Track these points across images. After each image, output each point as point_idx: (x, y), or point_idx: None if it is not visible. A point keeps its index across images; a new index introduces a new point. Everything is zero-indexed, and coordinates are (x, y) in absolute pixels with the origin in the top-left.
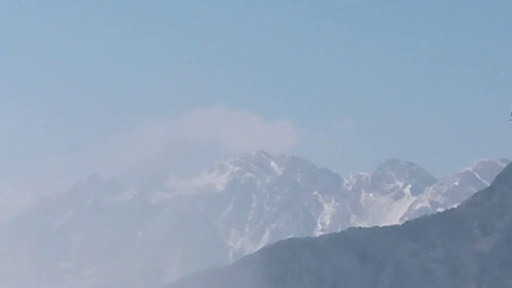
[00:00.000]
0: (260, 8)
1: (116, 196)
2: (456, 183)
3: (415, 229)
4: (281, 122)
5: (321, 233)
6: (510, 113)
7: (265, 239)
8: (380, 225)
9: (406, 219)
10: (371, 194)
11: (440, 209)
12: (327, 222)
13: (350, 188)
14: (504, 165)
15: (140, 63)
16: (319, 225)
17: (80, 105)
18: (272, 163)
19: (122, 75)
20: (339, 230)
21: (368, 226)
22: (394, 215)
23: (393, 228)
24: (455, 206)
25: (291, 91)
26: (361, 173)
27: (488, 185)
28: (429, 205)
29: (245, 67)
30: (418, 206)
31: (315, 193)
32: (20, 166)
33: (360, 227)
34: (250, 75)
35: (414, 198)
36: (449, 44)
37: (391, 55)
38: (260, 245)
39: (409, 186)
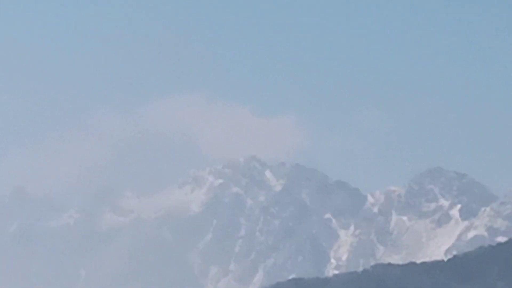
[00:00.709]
0: None
1: (50, 220)
2: None
3: (467, 266)
4: (282, 117)
5: (336, 271)
6: None
7: (258, 281)
8: (418, 261)
9: (454, 252)
10: (404, 218)
11: (502, 239)
12: (344, 257)
13: (376, 209)
14: None
15: (84, 37)
16: (333, 260)
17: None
18: (268, 174)
19: (61, 53)
20: (360, 268)
21: (401, 262)
22: (438, 246)
23: (436, 264)
24: None
25: (296, 76)
26: (392, 188)
27: None
28: (486, 233)
29: (233, 42)
30: (471, 235)
31: (328, 216)
32: None
33: (390, 264)
34: (240, 54)
35: (466, 223)
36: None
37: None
38: None
39: (459, 206)
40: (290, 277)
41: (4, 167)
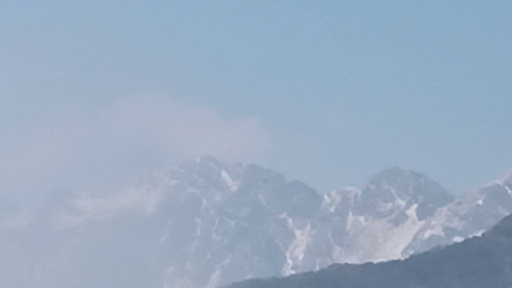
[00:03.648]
0: None
1: (4, 221)
2: (480, 202)
3: (424, 265)
4: (247, 119)
5: (292, 271)
6: None
7: (214, 281)
8: (375, 261)
9: (411, 252)
10: (361, 218)
11: (459, 238)
12: (300, 257)
13: (332, 209)
14: None
15: (44, 33)
16: (289, 260)
17: None
18: (224, 175)
19: (19, 48)
20: (317, 268)
21: (358, 262)
22: (395, 246)
23: (393, 264)
24: (479, 234)
25: (263, 79)
26: (348, 188)
27: None
28: (442, 233)
29: (201, 42)
30: (427, 234)
31: (284, 215)
32: None
33: (346, 264)
34: (205, 52)
35: (422, 222)
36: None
37: (399, 30)
38: None
39: (415, 206)
40: (247, 277)
41: None
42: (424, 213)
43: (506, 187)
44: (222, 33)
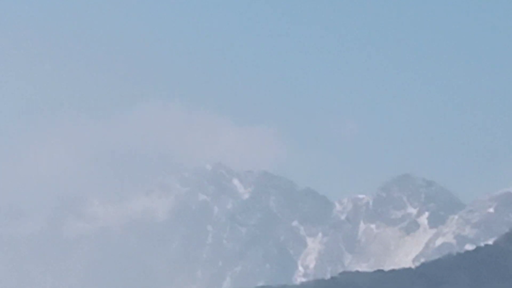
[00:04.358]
0: None
1: (16, 227)
2: (491, 210)
3: (435, 273)
4: (260, 128)
5: (303, 279)
6: None
7: (233, 284)
8: (386, 269)
9: (423, 260)
10: (372, 225)
11: (470, 246)
12: (312, 265)
13: (343, 216)
14: None
15: (59, 43)
16: (300, 268)
17: None
18: (235, 182)
19: (34, 59)
20: (328, 276)
21: (369, 270)
22: (406, 254)
23: (404, 272)
24: (490, 241)
25: (277, 89)
26: (359, 196)
27: None
28: (454, 241)
29: (216, 51)
30: (439, 242)
31: (295, 223)
32: None
33: (358, 271)
34: (219, 61)
35: (434, 230)
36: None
37: (408, 40)
38: None
39: (426, 214)
40: (258, 284)
41: None
42: (435, 221)
43: None
44: (237, 43)
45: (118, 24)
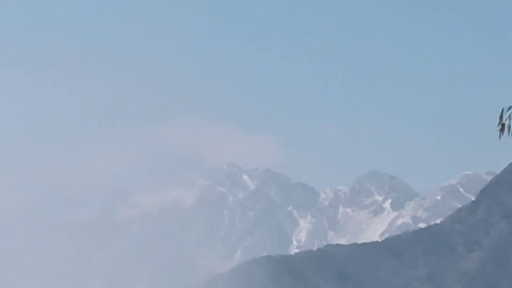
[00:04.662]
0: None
1: (75, 213)
2: (438, 197)
3: (396, 246)
4: (263, 134)
5: (297, 250)
6: (497, 124)
7: (237, 258)
8: (359, 242)
9: (387, 235)
10: (349, 209)
11: (422, 225)
12: (303, 239)
13: (327, 203)
14: (489, 178)
15: (112, 62)
16: (294, 242)
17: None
18: (245, 177)
19: (99, 76)
20: (315, 248)
21: (346, 243)
22: (374, 231)
23: (373, 245)
24: (438, 221)
25: (274, 102)
26: (339, 187)
27: (473, 199)
28: (410, 221)
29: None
30: (399, 222)
31: (290, 208)
32: None
33: (338, 244)
34: (236, 85)
35: (395, 213)
36: (432, 52)
37: (372, 58)
38: (232, 264)
39: (390, 200)
40: (262, 255)
41: (41, 170)
42: (396, 206)
43: (459, 186)
44: (247, 71)
45: (156, 56)
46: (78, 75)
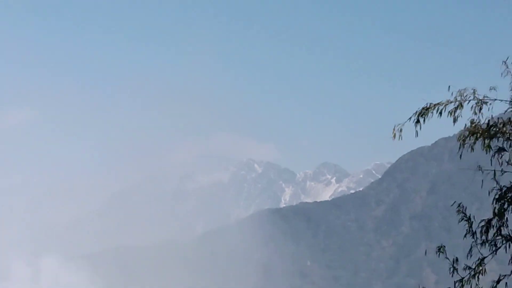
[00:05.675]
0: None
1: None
2: (361, 176)
3: (339, 202)
4: (269, 144)
5: (284, 205)
6: (392, 132)
7: (253, 209)
8: (318, 201)
9: (333, 197)
10: (313, 183)
11: (352, 191)
12: (287, 199)
13: (301, 179)
14: (389, 165)
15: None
16: (282, 200)
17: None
18: (256, 166)
19: (134, 102)
20: (294, 203)
21: (310, 201)
22: (326, 194)
23: (326, 202)
24: (361, 189)
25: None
26: (307, 171)
27: (380, 177)
28: (346, 189)
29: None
30: (339, 190)
31: (280, 182)
32: None
33: (307, 202)
34: (254, 106)
35: (337, 185)
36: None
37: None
38: (250, 212)
39: (334, 178)
40: (265, 208)
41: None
42: (338, 181)
43: (372, 170)
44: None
45: (194, 88)
46: (159, 102)
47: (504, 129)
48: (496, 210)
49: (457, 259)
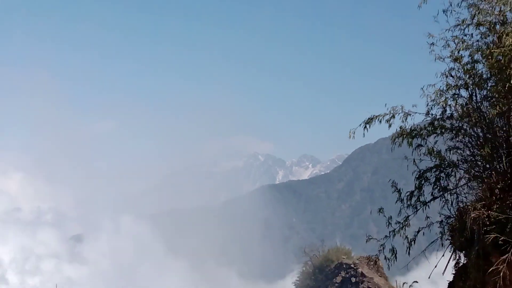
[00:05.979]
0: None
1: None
2: (328, 163)
3: (314, 181)
4: (268, 143)
5: (278, 182)
6: (349, 134)
7: (255, 185)
8: (301, 179)
9: (310, 177)
10: (297, 167)
11: (323, 173)
12: (280, 178)
13: (289, 165)
14: (346, 155)
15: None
16: (277, 179)
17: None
18: (260, 157)
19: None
20: (285, 181)
21: (295, 180)
22: (306, 175)
23: (305, 180)
24: (328, 171)
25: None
26: (293, 159)
27: (340, 163)
28: (318, 171)
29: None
30: (314, 172)
31: (276, 167)
32: None
33: (293, 180)
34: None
35: (313, 169)
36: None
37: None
38: (253, 188)
39: (311, 164)
40: (264, 184)
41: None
42: (313, 166)
43: (335, 159)
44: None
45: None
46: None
47: (421, 132)
48: (416, 185)
49: (391, 217)
